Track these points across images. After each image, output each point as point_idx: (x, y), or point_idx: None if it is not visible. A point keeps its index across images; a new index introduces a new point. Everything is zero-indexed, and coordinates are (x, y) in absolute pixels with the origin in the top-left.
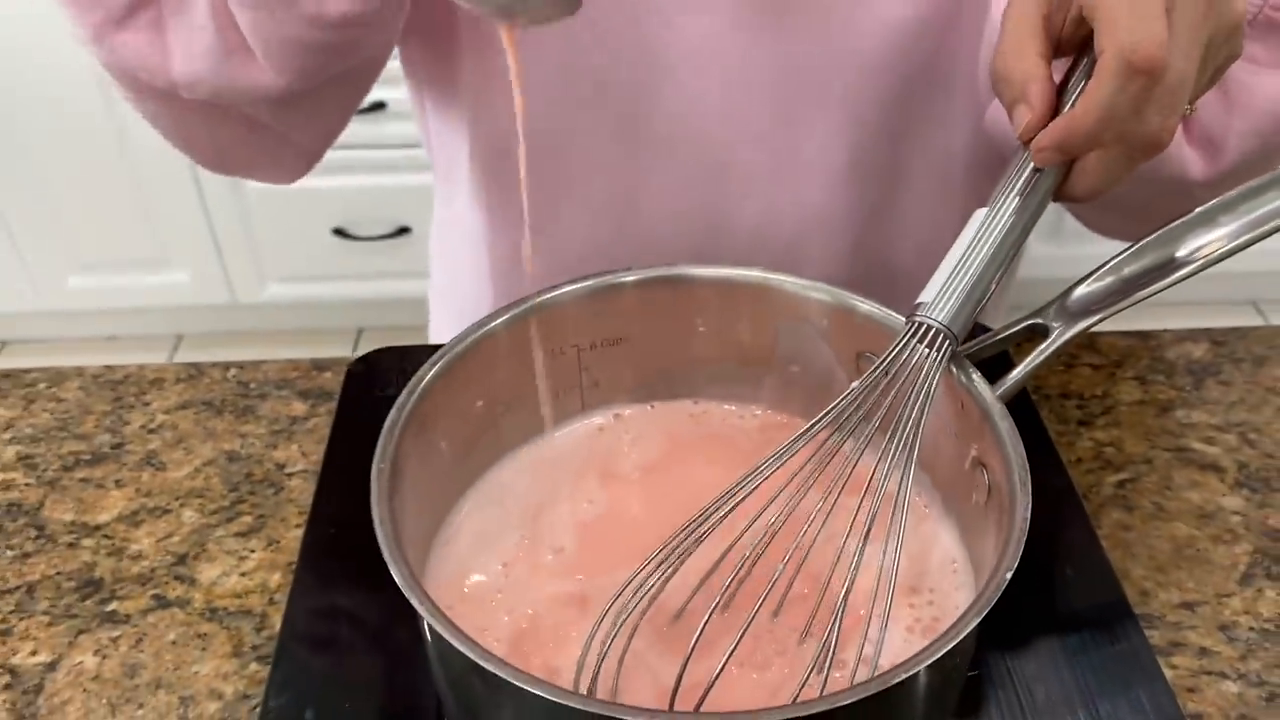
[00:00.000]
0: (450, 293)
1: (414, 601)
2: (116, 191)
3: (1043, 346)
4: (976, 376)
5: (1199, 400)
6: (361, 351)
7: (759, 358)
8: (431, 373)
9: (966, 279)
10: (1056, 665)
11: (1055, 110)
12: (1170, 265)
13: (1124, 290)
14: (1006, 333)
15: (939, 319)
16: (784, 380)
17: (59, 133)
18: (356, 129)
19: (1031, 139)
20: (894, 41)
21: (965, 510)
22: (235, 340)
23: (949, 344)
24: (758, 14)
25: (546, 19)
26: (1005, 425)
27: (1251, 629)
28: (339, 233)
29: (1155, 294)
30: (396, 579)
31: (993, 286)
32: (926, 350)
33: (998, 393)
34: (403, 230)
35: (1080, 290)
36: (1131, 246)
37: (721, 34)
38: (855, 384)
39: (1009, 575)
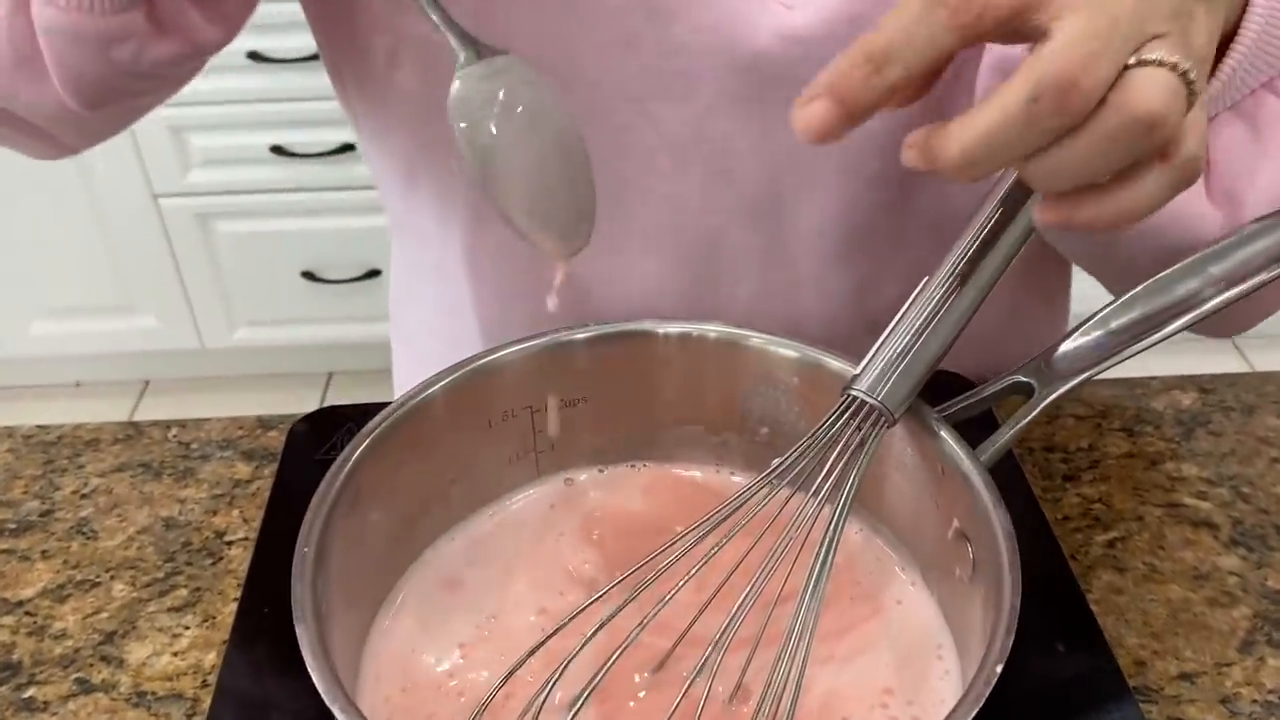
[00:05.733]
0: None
1: (335, 710)
2: (81, 236)
3: (1026, 407)
4: (955, 442)
5: (1189, 452)
6: (332, 394)
7: (726, 419)
8: (363, 446)
9: (909, 352)
10: None
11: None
12: (1160, 317)
13: (1111, 345)
14: (987, 392)
15: (876, 397)
16: (753, 443)
17: (21, 176)
18: (323, 171)
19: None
20: (891, 116)
21: (949, 585)
22: (204, 385)
23: (883, 423)
24: (738, 101)
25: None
26: (989, 497)
27: (1255, 701)
28: (308, 276)
29: (1145, 349)
30: (314, 674)
31: (942, 356)
32: (858, 430)
33: (981, 458)
34: (372, 273)
35: (1065, 346)
36: (1118, 299)
37: (700, 121)
38: (776, 460)
39: (999, 669)
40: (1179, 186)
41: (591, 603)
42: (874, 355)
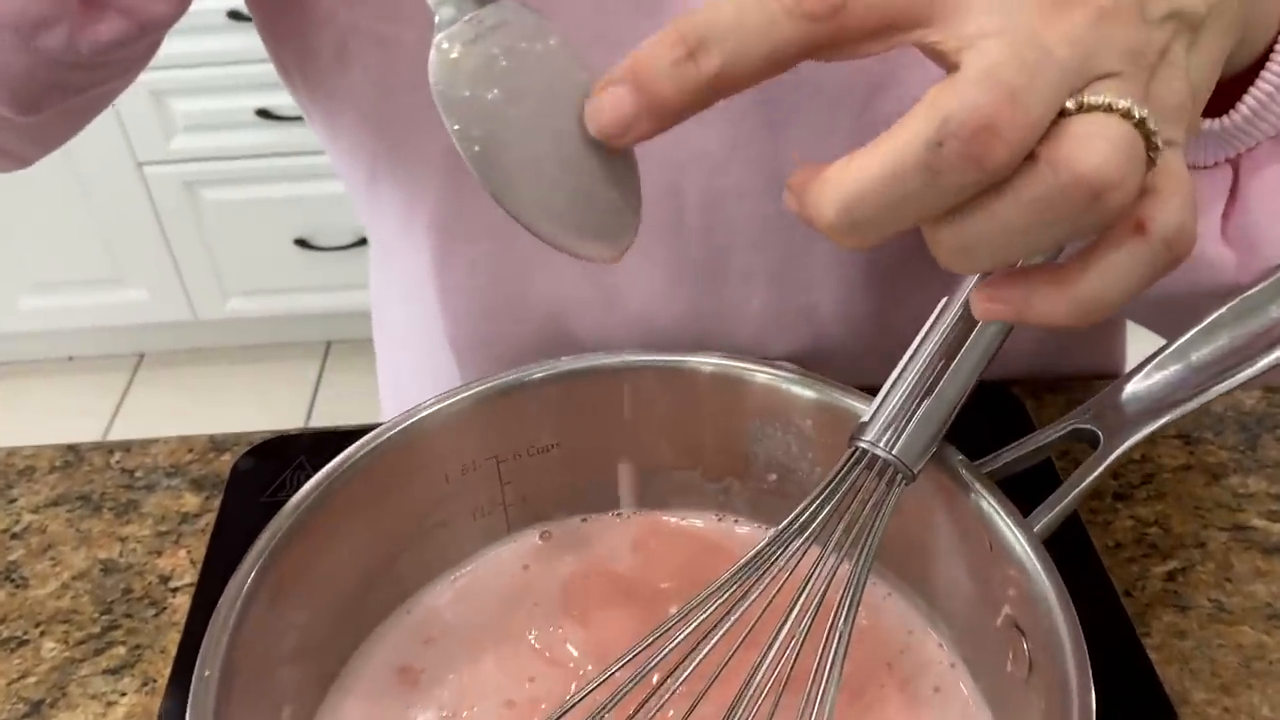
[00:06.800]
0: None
1: None
2: (65, 207)
3: (1090, 462)
4: (1001, 509)
5: (1255, 464)
6: (331, 363)
7: (726, 464)
8: (285, 526)
9: (927, 393)
10: None
11: None
12: (1252, 348)
13: (1194, 383)
14: (1042, 441)
15: (889, 449)
16: (760, 490)
17: None
18: (311, 134)
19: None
20: None
21: (997, 676)
22: (199, 358)
23: (900, 480)
24: (742, 110)
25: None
26: (1050, 586)
27: None
28: (301, 243)
29: (1234, 387)
30: None
31: (967, 394)
32: (872, 488)
33: (1035, 528)
34: (367, 239)
35: (1136, 384)
36: (1198, 325)
37: (698, 132)
38: (772, 531)
39: None
40: (1162, 267)
41: (569, 709)
42: (884, 399)
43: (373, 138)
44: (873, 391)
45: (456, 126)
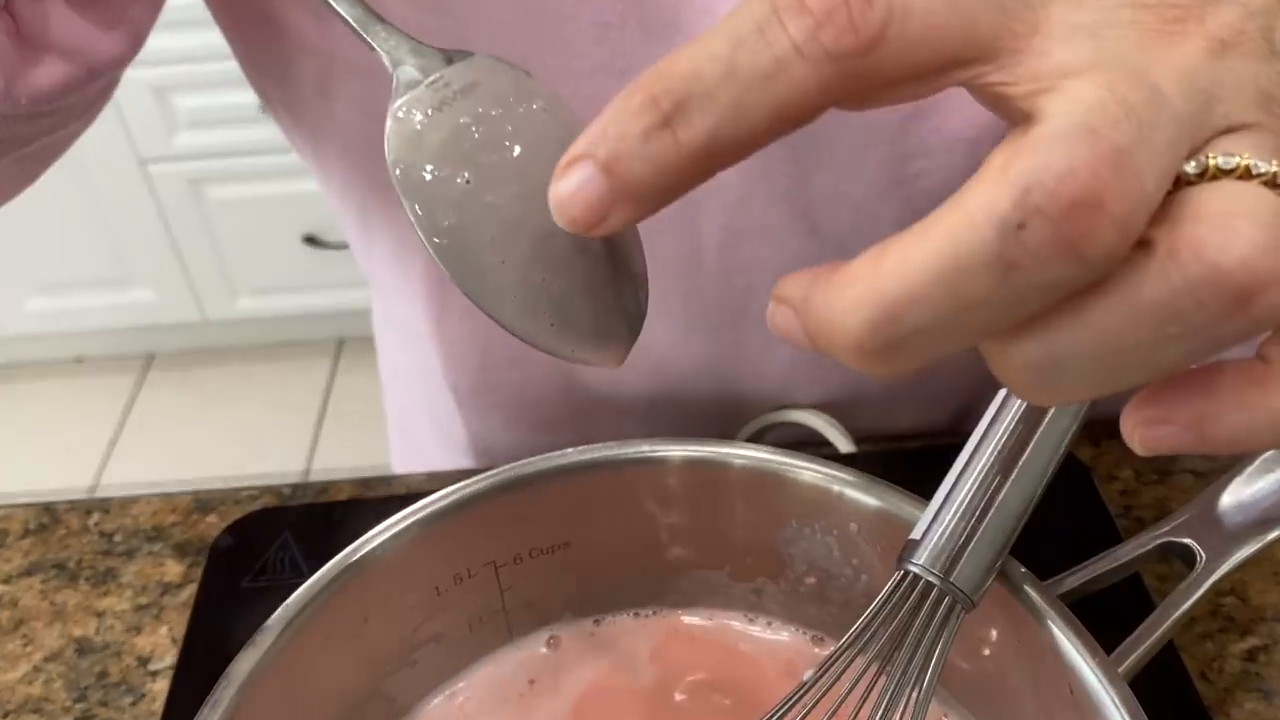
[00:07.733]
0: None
1: None
2: (68, 207)
3: (1185, 587)
4: (1081, 646)
5: None
6: (344, 362)
7: (757, 564)
8: (250, 666)
9: (985, 508)
10: None
11: None
12: None
13: None
14: (1127, 556)
15: (945, 575)
16: (796, 593)
17: None
18: None
19: None
20: (963, 161)
21: None
22: (209, 358)
23: (959, 610)
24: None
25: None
26: None
27: None
28: (310, 240)
29: None
30: None
31: (1030, 506)
32: (929, 617)
33: (1121, 667)
34: None
35: (1238, 492)
36: None
37: None
38: (810, 674)
39: None
40: None
41: None
42: (937, 514)
43: (361, 174)
44: (904, 442)
45: (419, 212)
